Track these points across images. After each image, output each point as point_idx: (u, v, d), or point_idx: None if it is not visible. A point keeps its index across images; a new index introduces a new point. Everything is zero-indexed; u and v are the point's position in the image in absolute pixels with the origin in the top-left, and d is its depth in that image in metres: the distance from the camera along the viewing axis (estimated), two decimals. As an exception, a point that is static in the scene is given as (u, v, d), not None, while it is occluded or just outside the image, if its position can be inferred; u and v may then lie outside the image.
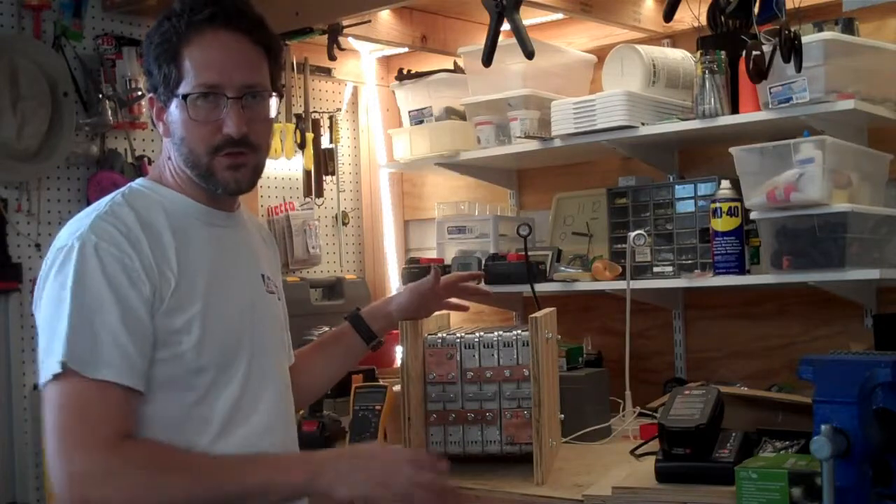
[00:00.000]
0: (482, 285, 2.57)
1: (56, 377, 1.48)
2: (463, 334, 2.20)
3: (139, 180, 1.70)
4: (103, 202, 1.62)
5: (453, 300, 2.26)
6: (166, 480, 1.47)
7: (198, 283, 1.59)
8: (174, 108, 1.62)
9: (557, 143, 2.85)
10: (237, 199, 1.75)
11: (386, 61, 3.72)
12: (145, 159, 3.12)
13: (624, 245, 2.76)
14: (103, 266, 1.51)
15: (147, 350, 1.53)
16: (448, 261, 3.12)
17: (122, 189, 1.66)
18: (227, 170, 1.63)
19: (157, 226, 1.60)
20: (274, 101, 1.68)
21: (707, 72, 2.56)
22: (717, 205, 2.58)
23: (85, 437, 1.45)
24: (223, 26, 1.61)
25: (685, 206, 2.77)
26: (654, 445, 2.12)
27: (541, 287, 2.84)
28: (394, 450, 1.67)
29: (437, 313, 2.32)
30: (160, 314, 1.54)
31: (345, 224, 3.66)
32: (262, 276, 1.76)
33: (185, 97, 1.60)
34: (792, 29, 2.24)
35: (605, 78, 2.83)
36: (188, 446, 1.56)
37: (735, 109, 2.57)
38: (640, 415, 2.63)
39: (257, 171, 1.68)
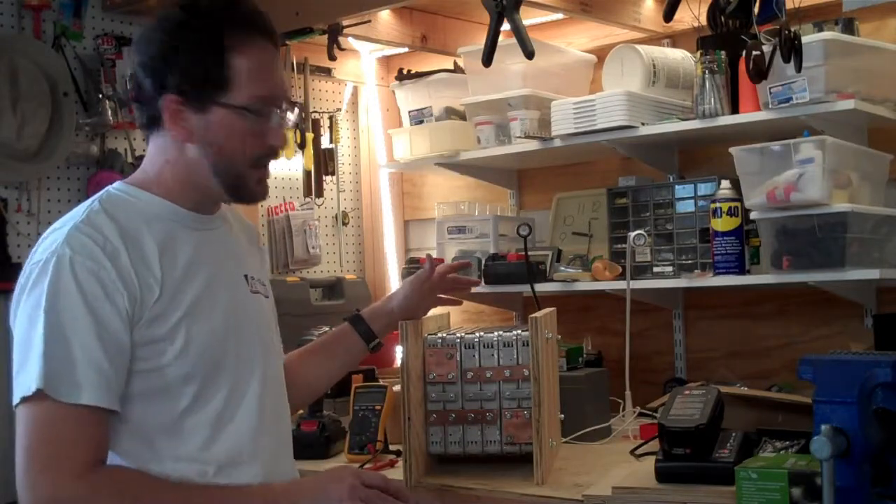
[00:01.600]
0: (473, 277, 2.59)
1: (29, 399, 1.45)
2: (463, 334, 2.20)
3: (116, 184, 1.64)
4: (80, 210, 1.57)
5: (444, 296, 2.25)
6: None
7: (182, 289, 1.57)
8: (213, 115, 1.58)
9: (557, 143, 2.85)
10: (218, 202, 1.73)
11: (386, 61, 3.72)
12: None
13: (624, 245, 2.76)
14: (78, 281, 1.48)
15: (124, 364, 1.50)
16: (448, 261, 3.12)
17: (98, 195, 1.60)
18: (258, 183, 1.65)
19: (137, 233, 1.56)
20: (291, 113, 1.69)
21: (707, 72, 2.56)
22: (717, 205, 2.58)
23: (54, 462, 1.43)
24: (260, 33, 1.60)
25: (685, 206, 2.77)
26: (654, 445, 2.12)
27: (541, 287, 2.84)
28: (343, 474, 1.63)
29: (437, 313, 2.32)
30: (141, 324, 1.52)
31: (345, 224, 3.66)
32: (246, 276, 1.72)
33: (244, 108, 1.57)
34: (792, 29, 2.24)
35: (605, 78, 2.83)
36: (180, 454, 1.55)
37: (735, 109, 2.57)
38: (640, 415, 2.63)
39: None
